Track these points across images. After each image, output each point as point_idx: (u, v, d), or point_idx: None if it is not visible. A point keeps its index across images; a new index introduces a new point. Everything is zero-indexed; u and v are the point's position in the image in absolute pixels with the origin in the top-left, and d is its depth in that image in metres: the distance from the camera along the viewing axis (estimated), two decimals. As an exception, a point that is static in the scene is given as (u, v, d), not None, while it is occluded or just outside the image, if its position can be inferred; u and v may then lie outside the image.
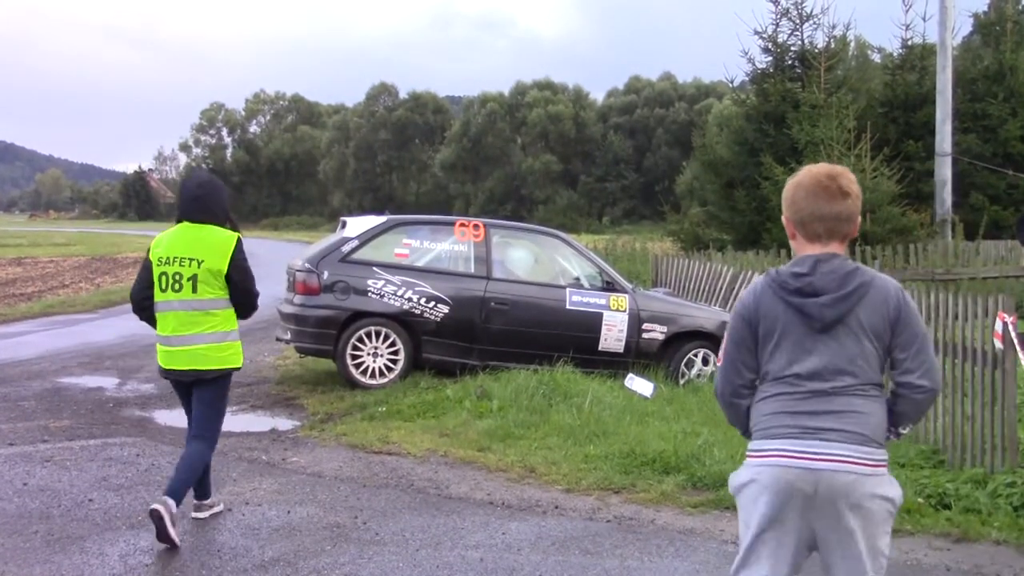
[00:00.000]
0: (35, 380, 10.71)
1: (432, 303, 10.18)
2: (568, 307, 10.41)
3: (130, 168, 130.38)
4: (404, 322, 10.16)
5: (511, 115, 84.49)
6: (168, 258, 5.60)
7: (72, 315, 17.61)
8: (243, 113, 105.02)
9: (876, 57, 27.33)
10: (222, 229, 5.68)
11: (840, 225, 3.14)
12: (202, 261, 5.56)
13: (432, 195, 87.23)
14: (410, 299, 10.14)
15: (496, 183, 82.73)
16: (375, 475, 7.07)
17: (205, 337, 5.61)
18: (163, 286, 5.61)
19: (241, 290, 5.69)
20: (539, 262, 11.19)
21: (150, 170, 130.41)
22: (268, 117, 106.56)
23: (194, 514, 5.90)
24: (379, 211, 12.64)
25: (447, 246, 10.64)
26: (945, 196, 19.38)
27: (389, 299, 10.11)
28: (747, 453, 3.21)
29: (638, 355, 10.47)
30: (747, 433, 3.31)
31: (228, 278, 5.63)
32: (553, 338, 10.23)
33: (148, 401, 9.74)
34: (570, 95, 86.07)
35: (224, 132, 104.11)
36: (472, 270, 10.46)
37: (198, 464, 5.70)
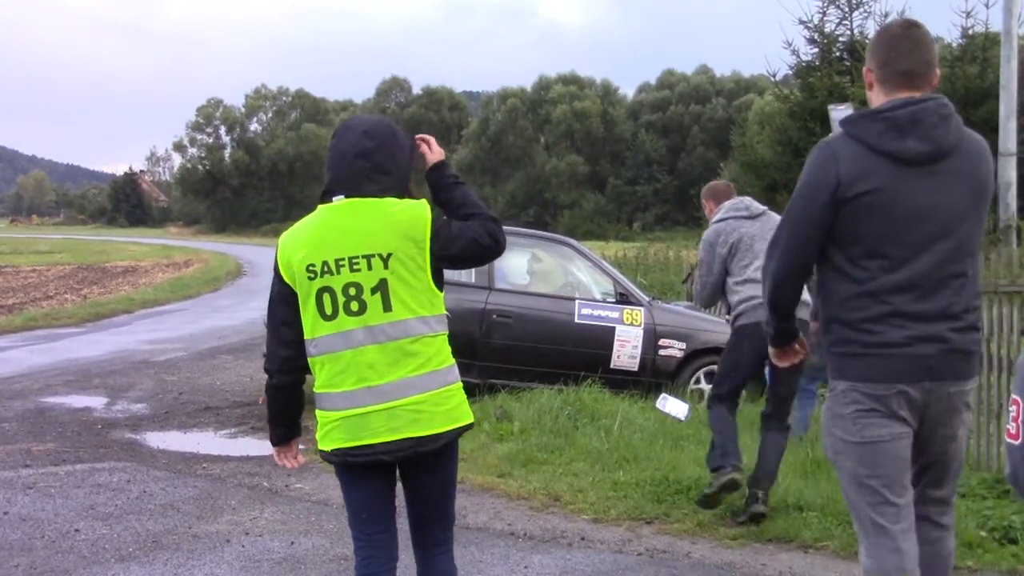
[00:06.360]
0: (16, 400, 10.78)
1: None
2: (577, 321, 10.30)
3: (120, 169, 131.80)
4: None
5: (534, 112, 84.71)
6: (326, 263, 3.59)
7: (56, 329, 17.74)
8: (243, 110, 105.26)
9: (933, 48, 27.20)
10: (403, 200, 3.68)
11: None
12: (390, 255, 3.58)
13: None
14: None
15: (517, 186, 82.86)
16: (385, 504, 7.06)
17: (417, 382, 3.61)
18: (329, 311, 3.59)
19: (467, 258, 3.76)
20: (546, 272, 11.13)
21: (142, 171, 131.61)
22: (270, 114, 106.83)
23: None
24: None
25: None
26: (1009, 200, 19.20)
27: None
28: None
29: (654, 374, 10.32)
30: None
31: (440, 266, 3.69)
32: (561, 354, 10.11)
33: (139, 423, 9.79)
34: (597, 90, 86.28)
35: (222, 130, 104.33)
36: (472, 280, 10.29)
37: None
